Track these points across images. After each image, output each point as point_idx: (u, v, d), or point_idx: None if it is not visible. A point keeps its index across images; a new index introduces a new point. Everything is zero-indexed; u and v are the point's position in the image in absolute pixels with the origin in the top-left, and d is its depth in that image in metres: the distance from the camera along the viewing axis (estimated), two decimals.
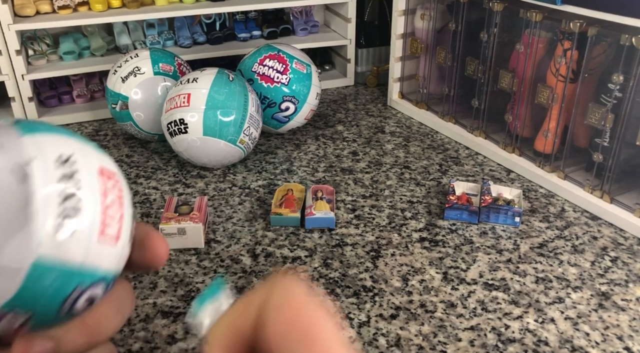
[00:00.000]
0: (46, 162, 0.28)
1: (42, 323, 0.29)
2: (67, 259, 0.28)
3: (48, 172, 0.28)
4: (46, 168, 0.28)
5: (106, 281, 0.31)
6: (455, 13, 1.94)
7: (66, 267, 0.28)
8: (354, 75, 2.58)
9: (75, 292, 0.29)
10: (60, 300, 0.29)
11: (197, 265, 1.39)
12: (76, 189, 0.29)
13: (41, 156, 0.28)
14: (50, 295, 0.28)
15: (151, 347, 1.15)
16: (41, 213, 0.27)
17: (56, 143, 0.29)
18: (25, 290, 0.28)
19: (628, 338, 1.17)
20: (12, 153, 0.27)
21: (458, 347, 1.15)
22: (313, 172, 1.83)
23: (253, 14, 2.52)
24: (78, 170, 0.29)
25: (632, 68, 1.44)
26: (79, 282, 0.29)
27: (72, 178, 0.28)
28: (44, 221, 0.27)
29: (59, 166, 0.28)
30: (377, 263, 1.39)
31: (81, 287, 0.29)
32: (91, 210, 0.29)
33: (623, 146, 1.52)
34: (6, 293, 0.27)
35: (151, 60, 1.87)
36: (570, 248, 1.45)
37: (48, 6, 2.13)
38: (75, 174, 0.29)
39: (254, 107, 1.74)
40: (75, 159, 0.29)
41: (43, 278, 0.28)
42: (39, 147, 0.28)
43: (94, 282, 0.30)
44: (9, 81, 2.08)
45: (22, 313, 0.28)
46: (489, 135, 1.95)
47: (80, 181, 0.29)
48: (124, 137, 2.08)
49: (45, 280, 0.28)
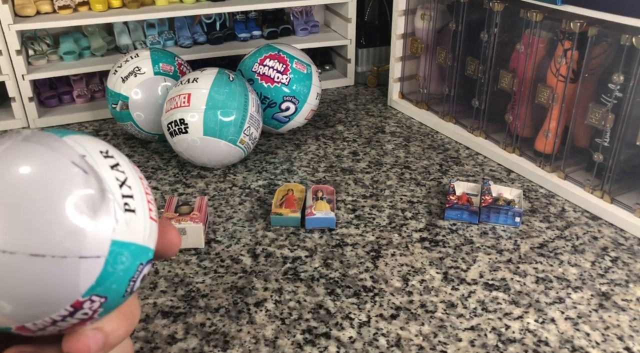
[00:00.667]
0: (95, 156, 0.30)
1: (110, 308, 0.31)
2: (133, 240, 0.30)
3: (101, 162, 0.30)
4: (98, 160, 0.30)
5: (151, 260, 0.32)
6: (456, 13, 1.94)
7: (132, 248, 0.30)
8: (354, 75, 2.58)
9: (137, 272, 0.31)
10: (127, 281, 0.30)
11: (197, 265, 1.39)
12: (125, 175, 0.31)
13: (88, 152, 0.30)
14: (121, 277, 0.30)
15: (151, 347, 1.15)
16: (112, 198, 0.29)
17: (91, 141, 0.31)
18: (104, 274, 0.29)
19: (628, 339, 1.17)
20: (64, 151, 0.29)
21: (458, 347, 1.15)
22: (313, 172, 1.83)
23: (253, 14, 2.52)
24: (118, 161, 0.31)
25: (632, 68, 1.44)
26: (140, 262, 0.31)
27: (118, 167, 0.30)
28: (115, 205, 0.29)
29: (105, 158, 0.30)
30: (377, 264, 1.39)
31: (140, 267, 0.31)
32: (139, 194, 0.31)
33: (623, 146, 1.52)
34: (89, 280, 0.28)
35: (151, 60, 1.87)
36: (571, 249, 1.45)
37: (48, 6, 2.13)
38: (118, 163, 0.31)
39: (254, 107, 1.74)
40: (111, 153, 0.31)
41: (117, 261, 0.29)
42: (82, 145, 0.30)
43: (147, 261, 0.31)
44: (9, 81, 2.08)
45: (97, 299, 0.29)
46: (489, 135, 1.95)
47: (124, 169, 0.31)
48: (124, 137, 2.08)
49: (119, 263, 0.29)
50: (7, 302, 0.27)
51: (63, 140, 0.29)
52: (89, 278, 0.28)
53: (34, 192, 0.27)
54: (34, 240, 0.26)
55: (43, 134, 0.30)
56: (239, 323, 1.21)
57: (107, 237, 0.28)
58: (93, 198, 0.28)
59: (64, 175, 0.28)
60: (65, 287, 0.27)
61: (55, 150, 0.28)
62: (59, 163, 0.28)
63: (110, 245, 0.28)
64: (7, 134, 0.30)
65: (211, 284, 1.33)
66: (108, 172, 0.30)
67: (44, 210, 0.27)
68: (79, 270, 0.27)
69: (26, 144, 0.28)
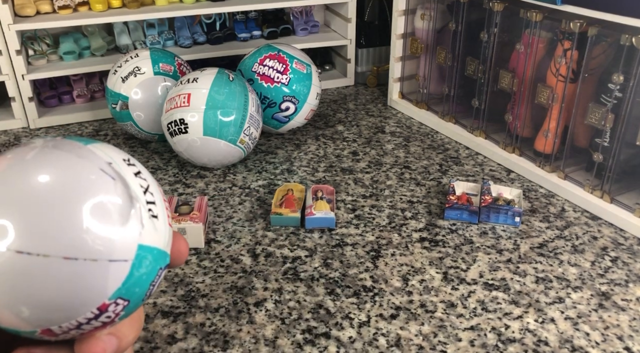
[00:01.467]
0: (120, 163, 0.31)
1: (129, 311, 0.31)
2: (156, 244, 0.31)
3: (126, 170, 0.31)
4: (123, 168, 0.31)
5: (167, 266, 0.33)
6: (455, 13, 1.94)
7: (155, 252, 0.31)
8: (354, 75, 2.58)
9: (157, 276, 0.31)
10: (148, 284, 0.31)
11: (197, 265, 1.39)
12: (147, 183, 0.32)
13: (113, 159, 0.31)
14: (144, 281, 0.31)
15: (151, 347, 1.15)
16: (139, 203, 0.30)
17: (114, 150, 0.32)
18: (130, 277, 0.29)
19: (628, 338, 1.17)
20: (92, 158, 0.30)
21: (458, 347, 1.15)
22: (313, 172, 1.83)
23: (253, 14, 2.52)
24: (139, 169, 0.32)
25: (632, 68, 1.44)
26: (160, 266, 0.32)
27: (140, 174, 0.32)
28: (141, 211, 0.30)
29: (128, 166, 0.31)
30: (377, 263, 1.39)
31: (160, 271, 0.32)
32: (159, 200, 0.32)
33: (623, 146, 1.52)
34: (116, 283, 0.29)
35: (151, 60, 1.87)
36: (571, 248, 1.45)
37: (48, 6, 2.13)
38: (140, 171, 0.32)
39: (254, 107, 1.74)
40: (133, 161, 0.32)
41: (142, 264, 0.30)
42: (106, 153, 0.31)
43: (165, 266, 0.32)
44: (9, 81, 2.08)
45: (122, 302, 0.30)
46: (489, 135, 1.95)
47: (145, 177, 0.32)
48: (124, 137, 2.08)
49: (143, 267, 0.30)
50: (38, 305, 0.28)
51: (88, 148, 0.30)
52: (116, 281, 0.29)
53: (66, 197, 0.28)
54: (67, 243, 0.27)
55: (69, 141, 0.30)
56: (239, 323, 1.21)
57: (135, 241, 0.29)
58: (122, 204, 0.29)
59: (94, 181, 0.29)
60: (94, 289, 0.28)
61: (83, 158, 0.29)
62: (89, 170, 0.29)
63: (136, 249, 0.29)
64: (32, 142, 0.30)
65: (211, 284, 1.33)
66: (133, 178, 0.31)
67: (76, 215, 0.27)
68: (108, 273, 0.28)
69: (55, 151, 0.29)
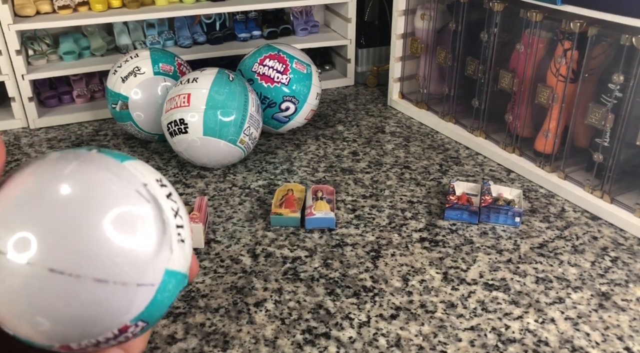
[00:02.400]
0: (154, 185, 0.31)
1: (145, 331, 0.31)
2: (180, 269, 0.31)
3: (159, 192, 0.31)
4: (157, 189, 0.31)
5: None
6: (456, 13, 1.94)
7: (178, 277, 0.31)
8: (354, 75, 2.57)
9: (175, 298, 0.32)
10: (167, 306, 0.31)
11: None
12: (177, 205, 0.32)
13: (149, 181, 0.31)
14: (165, 304, 0.31)
15: (151, 347, 1.15)
16: (170, 228, 0.30)
17: (147, 169, 0.32)
18: (154, 301, 0.30)
19: (628, 339, 1.17)
20: (127, 179, 0.30)
21: (458, 347, 1.15)
22: (313, 172, 1.83)
23: (253, 14, 2.52)
24: (170, 190, 0.32)
25: (632, 68, 1.44)
26: (180, 289, 0.32)
27: (172, 196, 0.32)
28: (172, 235, 0.30)
29: (161, 187, 0.31)
30: (377, 264, 1.39)
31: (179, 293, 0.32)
32: (186, 222, 0.32)
33: (623, 146, 1.51)
34: (140, 306, 0.29)
35: (151, 60, 1.86)
36: (571, 249, 1.45)
37: (48, 6, 2.13)
38: (171, 193, 0.32)
39: (254, 107, 1.74)
40: (164, 182, 0.32)
41: (165, 288, 0.30)
42: (142, 172, 0.31)
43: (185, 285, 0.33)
44: (9, 81, 2.08)
45: (141, 324, 0.30)
46: (489, 135, 1.95)
47: (176, 199, 0.32)
48: (124, 137, 2.08)
49: (166, 291, 0.30)
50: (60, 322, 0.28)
51: (125, 166, 0.30)
52: (140, 304, 0.29)
53: (102, 217, 0.28)
54: (100, 265, 0.27)
55: (104, 157, 0.30)
56: (239, 323, 1.21)
57: (163, 266, 0.29)
58: (155, 229, 0.29)
59: (131, 203, 0.29)
60: (119, 311, 0.28)
61: (120, 178, 0.29)
62: (126, 191, 0.29)
63: (163, 274, 0.29)
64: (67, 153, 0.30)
65: (211, 284, 1.33)
66: (165, 201, 0.31)
67: (111, 237, 0.27)
68: (135, 296, 0.28)
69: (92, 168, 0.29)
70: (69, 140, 2.07)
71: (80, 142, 2.07)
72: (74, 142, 2.06)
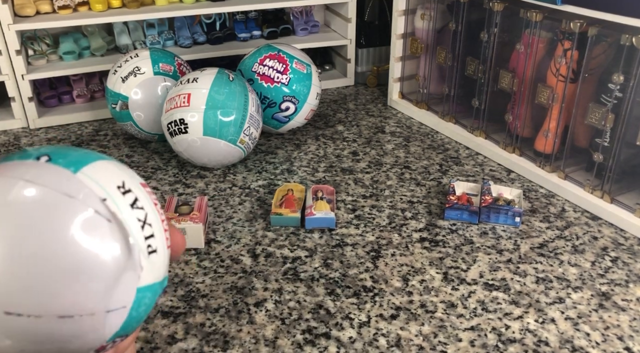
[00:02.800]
0: (115, 196, 0.28)
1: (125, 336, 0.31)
2: (155, 279, 0.30)
3: (121, 203, 0.28)
4: (118, 201, 0.28)
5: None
6: (456, 13, 1.94)
7: (154, 287, 0.30)
8: (354, 75, 2.57)
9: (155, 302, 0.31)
10: (146, 314, 0.30)
11: (197, 265, 1.39)
12: (144, 212, 0.29)
13: (107, 192, 0.28)
14: (142, 315, 0.30)
15: (151, 347, 1.15)
16: (136, 247, 0.28)
17: (105, 173, 0.29)
18: (129, 319, 0.29)
19: (628, 339, 1.17)
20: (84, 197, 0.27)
21: (458, 347, 1.15)
22: (313, 172, 1.83)
23: (253, 14, 2.52)
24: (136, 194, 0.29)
25: (632, 68, 1.44)
26: (159, 293, 0.31)
27: (137, 203, 0.29)
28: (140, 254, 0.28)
29: (122, 195, 0.28)
30: (377, 264, 1.39)
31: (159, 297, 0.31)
32: (158, 227, 0.30)
33: (623, 146, 1.51)
34: (114, 328, 0.28)
35: (151, 60, 1.86)
36: (571, 249, 1.45)
37: (48, 6, 2.13)
38: (137, 198, 0.29)
39: (254, 107, 1.74)
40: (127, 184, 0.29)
41: (141, 303, 0.29)
42: (97, 182, 0.28)
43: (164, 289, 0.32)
44: (9, 81, 2.08)
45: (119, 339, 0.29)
46: (489, 135, 1.95)
47: (143, 204, 0.29)
48: (124, 137, 2.08)
49: (142, 305, 0.29)
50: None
51: (78, 179, 0.27)
52: (114, 326, 0.28)
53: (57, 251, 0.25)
54: (61, 304, 0.26)
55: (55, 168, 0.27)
56: (239, 323, 1.21)
57: (133, 287, 0.28)
58: (120, 253, 0.27)
59: (88, 229, 0.26)
60: (92, 337, 0.28)
61: (74, 198, 0.26)
62: (83, 215, 0.26)
63: (135, 294, 0.28)
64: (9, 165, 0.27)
65: (211, 284, 1.33)
66: (129, 213, 0.28)
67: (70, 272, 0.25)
68: (106, 322, 0.27)
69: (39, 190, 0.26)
70: (69, 140, 2.07)
71: (80, 142, 2.07)
72: (74, 142, 2.06)
